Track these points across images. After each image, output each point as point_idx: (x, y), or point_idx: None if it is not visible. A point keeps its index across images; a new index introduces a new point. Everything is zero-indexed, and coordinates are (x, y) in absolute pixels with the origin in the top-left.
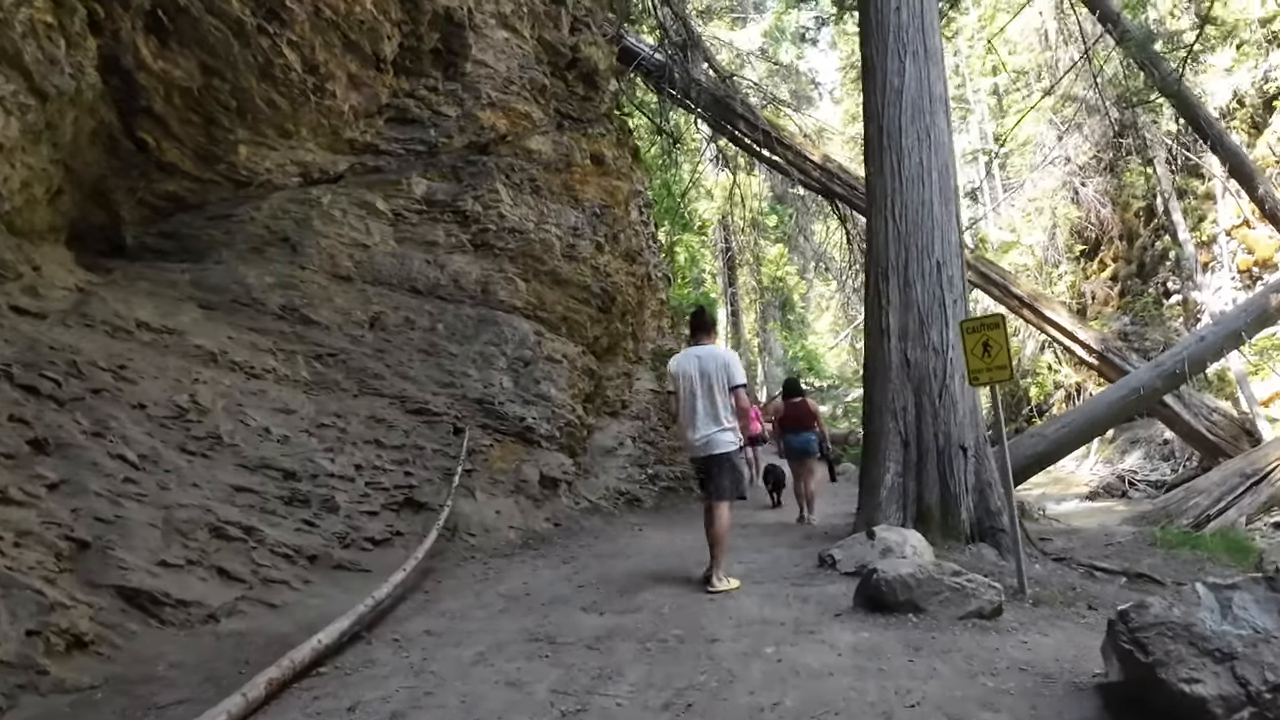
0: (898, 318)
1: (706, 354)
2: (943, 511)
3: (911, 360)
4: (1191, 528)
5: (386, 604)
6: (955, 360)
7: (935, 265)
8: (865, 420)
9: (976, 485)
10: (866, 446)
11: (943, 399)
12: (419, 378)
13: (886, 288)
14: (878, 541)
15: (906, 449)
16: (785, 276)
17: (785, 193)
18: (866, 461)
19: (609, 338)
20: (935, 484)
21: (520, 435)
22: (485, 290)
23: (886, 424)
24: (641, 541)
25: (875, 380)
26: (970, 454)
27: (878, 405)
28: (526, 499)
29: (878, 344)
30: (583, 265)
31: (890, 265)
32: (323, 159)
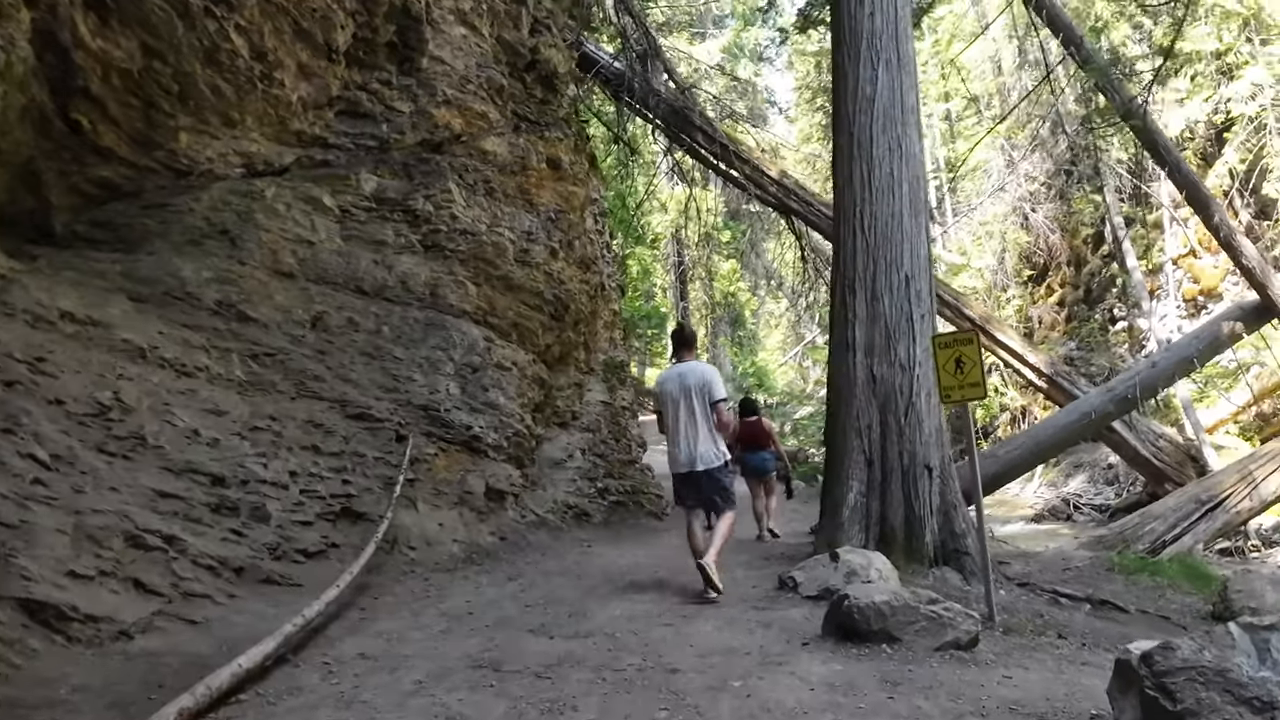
0: (864, 332)
1: (688, 370)
2: (906, 533)
3: (878, 376)
4: (1147, 553)
5: (318, 622)
6: (922, 377)
7: (904, 279)
8: (828, 437)
9: (941, 507)
10: (829, 464)
11: (909, 417)
12: (362, 381)
13: (853, 301)
14: (841, 564)
15: (870, 468)
16: (737, 292)
17: (740, 209)
18: (829, 480)
19: (561, 346)
20: (899, 505)
21: (466, 444)
22: (434, 293)
23: (851, 442)
24: (591, 558)
25: (840, 396)
26: (935, 474)
27: (842, 422)
28: (471, 511)
29: (843, 359)
30: (536, 271)
31: (858, 278)
32: (268, 150)
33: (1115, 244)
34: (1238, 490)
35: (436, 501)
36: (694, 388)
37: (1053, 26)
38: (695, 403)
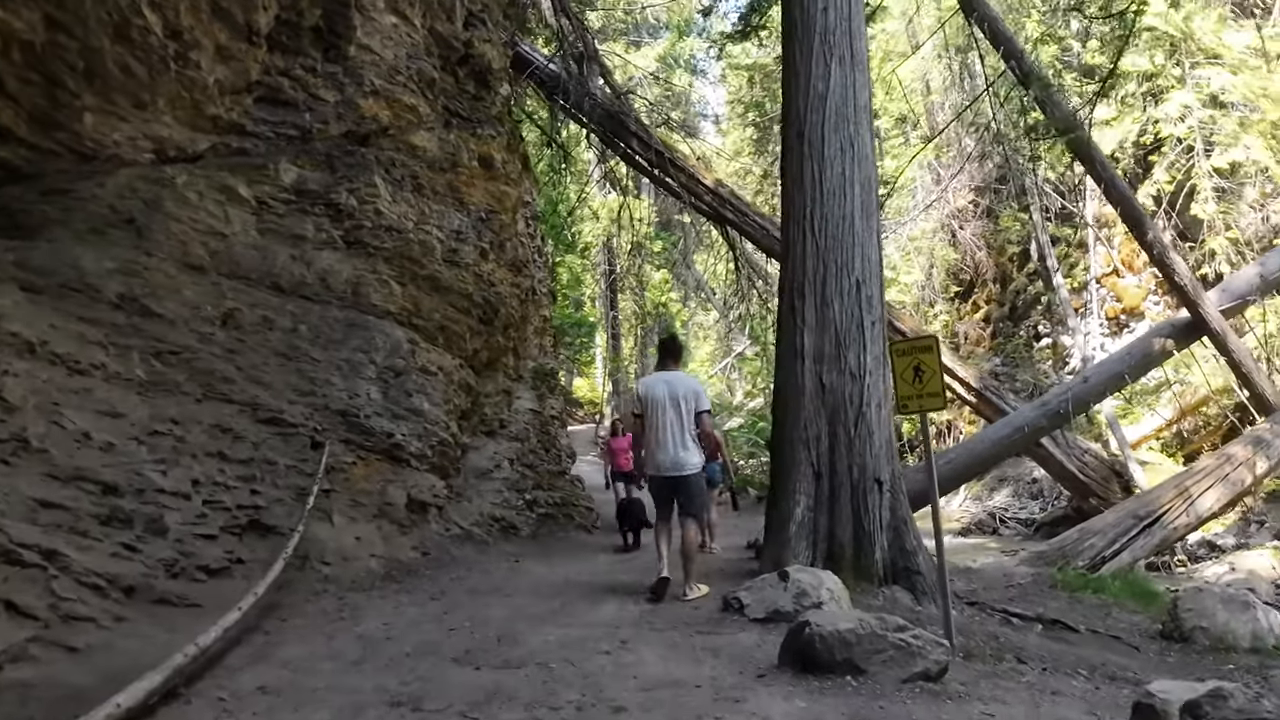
0: (813, 339)
1: (675, 379)
2: (855, 550)
3: (827, 385)
4: (1088, 569)
5: (216, 649)
6: (873, 386)
7: (855, 284)
8: (774, 449)
9: (891, 523)
10: (775, 477)
11: (859, 428)
12: (275, 384)
13: (802, 306)
14: (791, 584)
15: (819, 481)
16: (668, 303)
17: (671, 219)
18: (775, 494)
19: (489, 352)
20: (848, 520)
21: (387, 453)
22: (356, 292)
23: (798, 454)
24: (519, 576)
25: (787, 406)
26: (886, 489)
27: (789, 433)
28: (391, 524)
29: (791, 367)
30: (465, 272)
31: (807, 282)
32: (181, 135)
33: (1041, 262)
34: (1175, 506)
35: (354, 514)
36: (681, 397)
37: (993, 40)
38: (682, 411)
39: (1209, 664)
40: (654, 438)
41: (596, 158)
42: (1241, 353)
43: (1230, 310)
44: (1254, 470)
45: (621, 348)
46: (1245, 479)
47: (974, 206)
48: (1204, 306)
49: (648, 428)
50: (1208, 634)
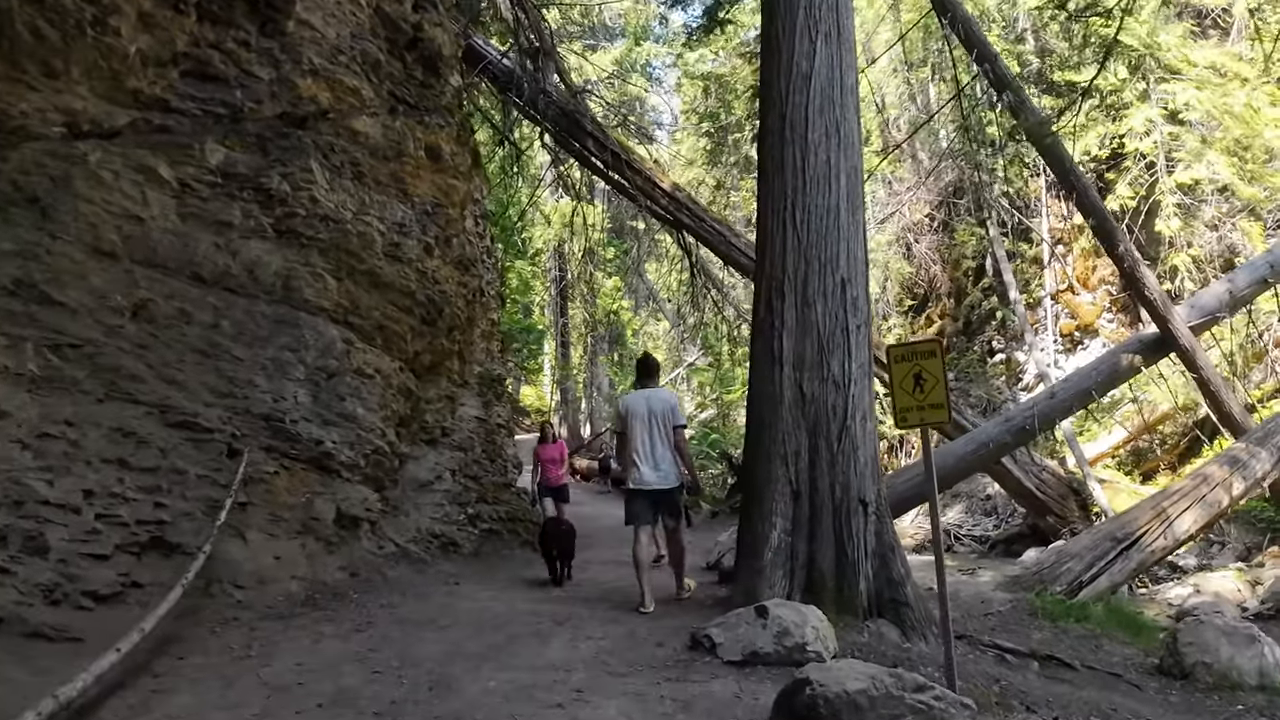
0: (793, 343)
1: (655, 396)
2: (838, 580)
3: (808, 394)
4: (1066, 594)
5: (91, 695)
6: (858, 396)
7: (840, 283)
8: (747, 465)
9: (877, 549)
10: (748, 497)
11: (842, 443)
12: (190, 384)
13: (781, 306)
14: (771, 621)
15: (797, 502)
16: (620, 310)
17: (624, 225)
18: (748, 515)
19: (432, 354)
20: (830, 546)
21: (315, 462)
22: (287, 286)
23: (775, 471)
24: (459, 601)
25: (763, 418)
26: (871, 511)
27: (765, 448)
28: (317, 542)
29: (767, 374)
30: (407, 268)
31: (787, 280)
32: (96, 109)
33: (997, 277)
34: (1153, 528)
35: (274, 530)
36: (659, 413)
37: (967, 44)
38: (661, 426)
39: (1216, 704)
40: (637, 453)
41: (550, 159)
42: (1209, 370)
43: (1198, 327)
44: (1230, 491)
45: (571, 356)
46: (1222, 500)
47: (930, 220)
48: (1173, 322)
49: (630, 443)
50: (1210, 670)
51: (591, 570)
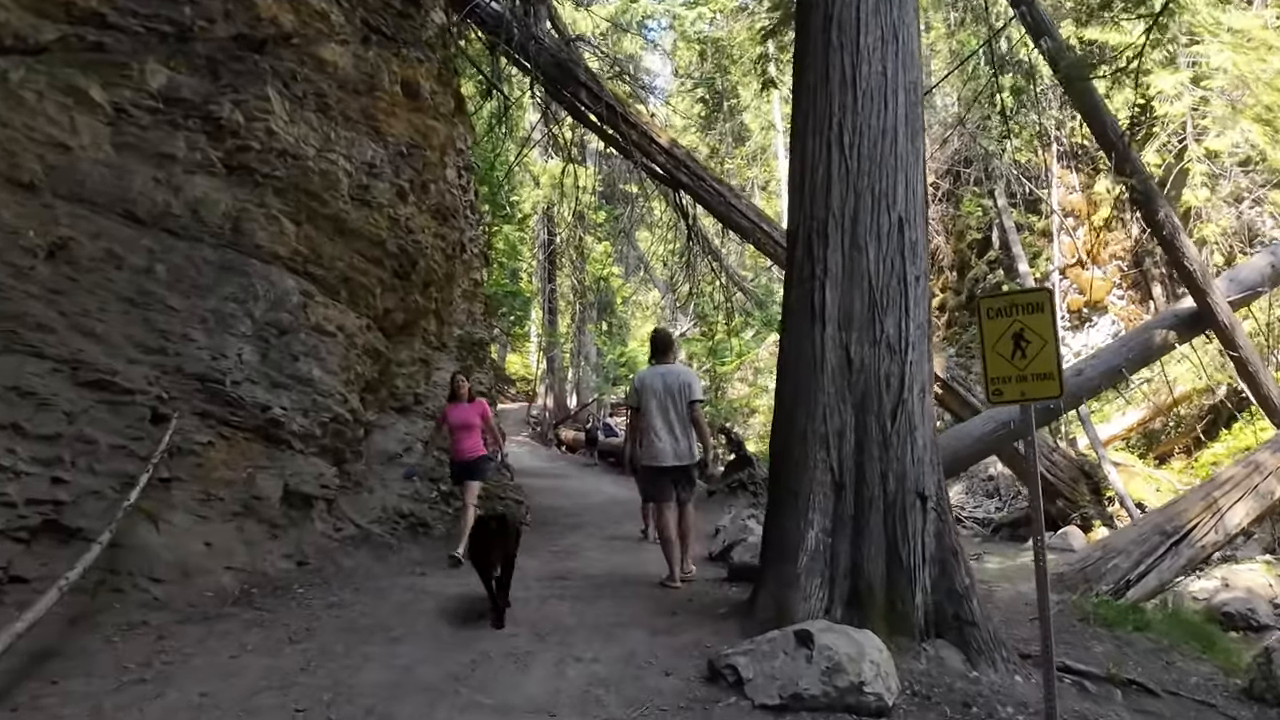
0: (839, 296)
1: (670, 372)
2: (889, 592)
3: (856, 361)
4: (1112, 594)
5: None
6: (916, 365)
7: (896, 223)
8: (776, 446)
9: (937, 554)
10: (777, 487)
11: (897, 421)
12: (111, 337)
13: (824, 251)
14: (818, 653)
15: (840, 495)
16: (609, 277)
17: (615, 190)
18: (777, 509)
19: (405, 312)
20: (880, 550)
21: (260, 431)
22: (237, 228)
23: (813, 455)
24: (421, 599)
25: (799, 389)
26: (931, 506)
27: (800, 427)
28: (259, 524)
29: (805, 334)
30: (377, 214)
31: (832, 218)
32: (20, 21)
33: (1004, 249)
34: (1203, 521)
35: (205, 511)
36: (676, 389)
37: None
38: (679, 403)
39: None
40: (655, 430)
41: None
42: (1249, 349)
43: (1237, 302)
44: None
45: (558, 323)
46: (1275, 490)
47: (934, 190)
48: (1213, 296)
49: (645, 420)
50: None
51: (581, 558)
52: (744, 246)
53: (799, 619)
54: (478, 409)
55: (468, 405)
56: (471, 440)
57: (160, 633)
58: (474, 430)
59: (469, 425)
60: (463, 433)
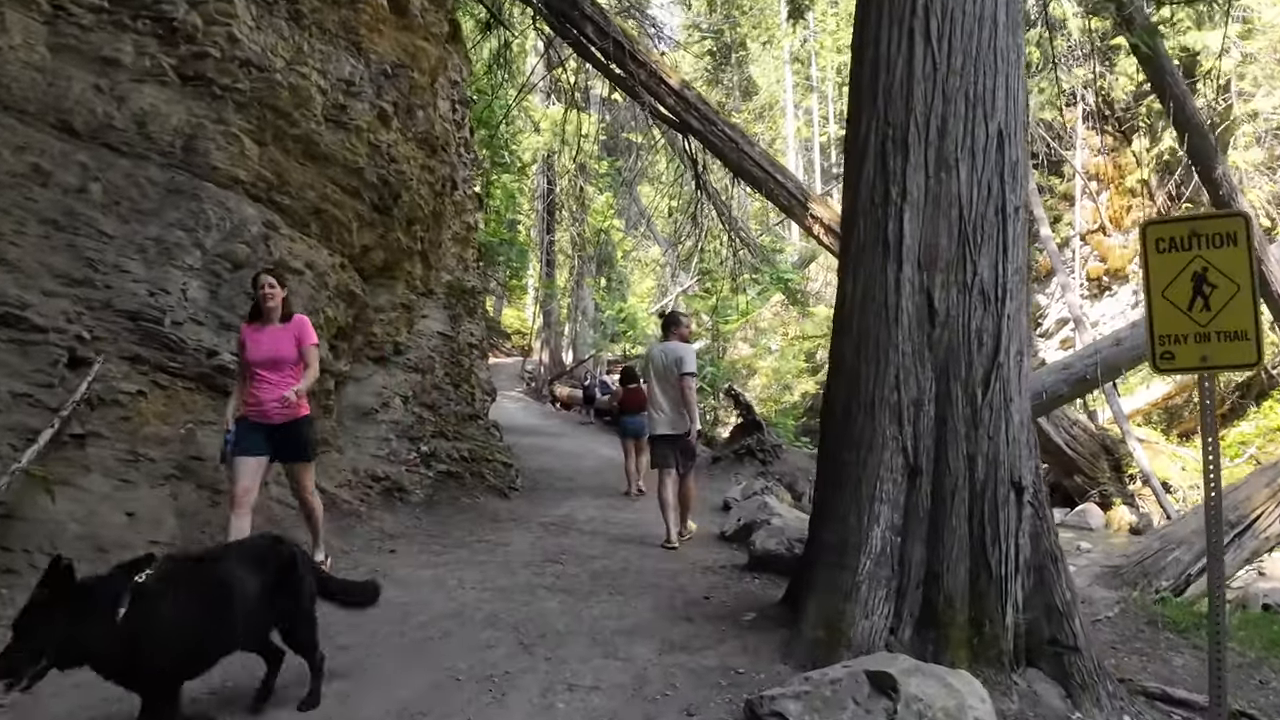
0: (920, 227)
1: (669, 348)
2: (973, 608)
3: (940, 311)
4: (1173, 591)
5: None
6: (1014, 318)
7: (995, 137)
8: (831, 420)
9: (1033, 559)
10: (831, 470)
11: (990, 390)
12: (25, 263)
13: (902, 166)
14: (904, 706)
15: (914, 483)
16: (610, 230)
17: (618, 142)
18: (830, 499)
19: (386, 252)
20: (963, 554)
21: (205, 379)
22: (190, 147)
23: (881, 430)
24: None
25: (864, 343)
26: (1027, 498)
27: (865, 392)
28: (198, 490)
29: (876, 275)
30: (355, 139)
31: (914, 124)
32: None
33: None
34: (1269, 510)
35: (129, 474)
36: (671, 364)
37: None
38: (673, 377)
39: None
40: (652, 401)
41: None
42: None
43: None
44: None
45: (555, 276)
46: None
47: None
48: (1269, 264)
49: (649, 393)
50: None
51: (575, 533)
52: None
53: (858, 641)
54: (293, 332)
55: (279, 328)
56: (276, 390)
57: None
58: (285, 369)
59: (278, 361)
60: (268, 374)
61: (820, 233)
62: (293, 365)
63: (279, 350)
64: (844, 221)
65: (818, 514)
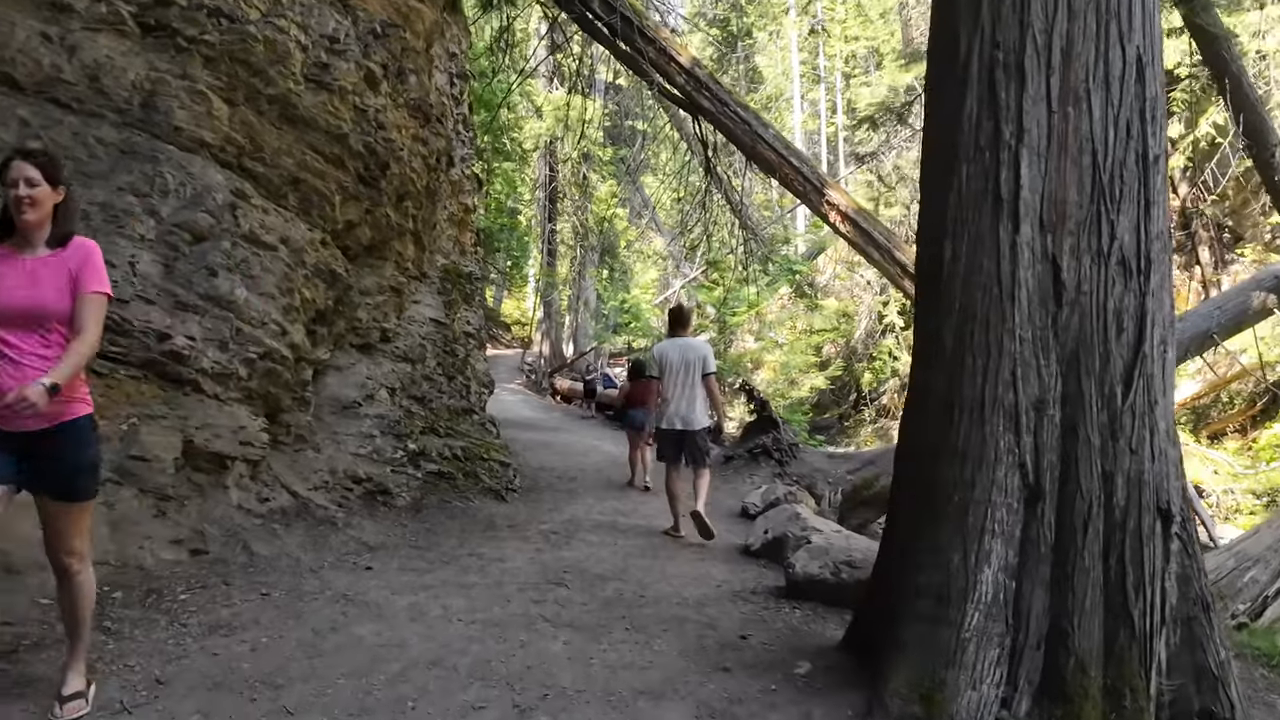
0: (1042, 174)
1: (688, 345)
2: (1110, 675)
3: (1068, 284)
4: (1251, 615)
5: None
6: (1159, 293)
7: (1134, 64)
8: (919, 420)
9: (1180, 609)
10: (920, 487)
11: (1132, 390)
12: None
13: (1017, 96)
14: None
15: (1034, 509)
16: (614, 219)
17: (622, 131)
18: (916, 525)
19: (374, 229)
20: (1096, 603)
21: (154, 366)
22: (150, 104)
23: (992, 439)
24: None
25: (966, 325)
26: (1175, 529)
27: (970, 390)
28: (141, 496)
29: (985, 235)
30: (339, 101)
31: (1031, 44)
32: None
33: None
34: None
35: None
36: (693, 361)
37: None
38: (694, 373)
39: None
40: (667, 396)
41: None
42: None
43: None
44: None
45: (557, 265)
46: None
47: None
48: None
49: (663, 388)
50: None
51: (579, 544)
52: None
53: (963, 717)
54: (67, 266)
55: (42, 259)
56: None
57: None
58: (46, 333)
59: (35, 316)
60: (16, 339)
61: (837, 220)
62: (61, 326)
63: (38, 298)
64: (933, 170)
65: (899, 547)
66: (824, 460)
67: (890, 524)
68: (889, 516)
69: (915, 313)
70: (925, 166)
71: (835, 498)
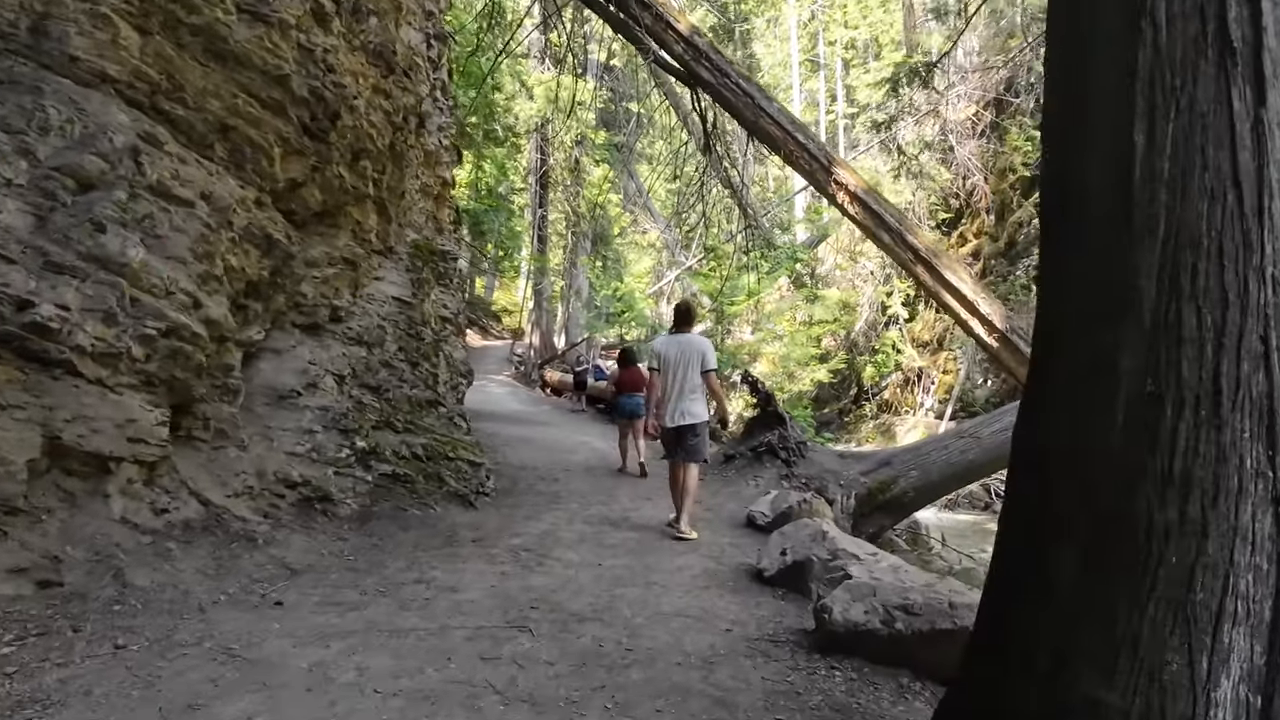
0: None
1: (686, 340)
2: None
3: None
4: None
5: None
6: None
7: None
8: (1087, 405)
9: None
10: (1079, 519)
11: None
12: None
13: None
14: None
15: None
16: (606, 205)
17: (616, 114)
18: (1079, 584)
19: (325, 191)
20: None
21: (9, 342)
22: (39, 29)
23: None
24: (229, 691)
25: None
26: None
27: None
28: None
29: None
30: (278, 36)
31: None
32: None
33: None
34: None
35: None
36: (693, 357)
37: None
38: (694, 370)
39: None
40: (665, 392)
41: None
42: None
43: None
44: None
45: (548, 252)
46: None
47: (974, 122)
48: None
49: (662, 383)
50: None
51: (556, 566)
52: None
53: None
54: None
55: None
56: None
57: None
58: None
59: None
60: None
61: (845, 200)
62: None
63: None
64: (1044, 114)
65: (1041, 624)
66: (835, 460)
67: (1009, 566)
68: (1002, 554)
69: (1042, 247)
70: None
71: (848, 502)
